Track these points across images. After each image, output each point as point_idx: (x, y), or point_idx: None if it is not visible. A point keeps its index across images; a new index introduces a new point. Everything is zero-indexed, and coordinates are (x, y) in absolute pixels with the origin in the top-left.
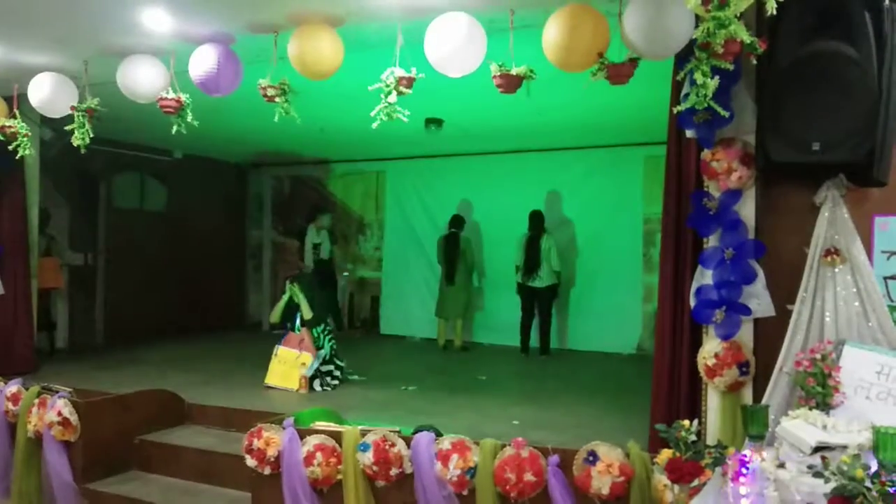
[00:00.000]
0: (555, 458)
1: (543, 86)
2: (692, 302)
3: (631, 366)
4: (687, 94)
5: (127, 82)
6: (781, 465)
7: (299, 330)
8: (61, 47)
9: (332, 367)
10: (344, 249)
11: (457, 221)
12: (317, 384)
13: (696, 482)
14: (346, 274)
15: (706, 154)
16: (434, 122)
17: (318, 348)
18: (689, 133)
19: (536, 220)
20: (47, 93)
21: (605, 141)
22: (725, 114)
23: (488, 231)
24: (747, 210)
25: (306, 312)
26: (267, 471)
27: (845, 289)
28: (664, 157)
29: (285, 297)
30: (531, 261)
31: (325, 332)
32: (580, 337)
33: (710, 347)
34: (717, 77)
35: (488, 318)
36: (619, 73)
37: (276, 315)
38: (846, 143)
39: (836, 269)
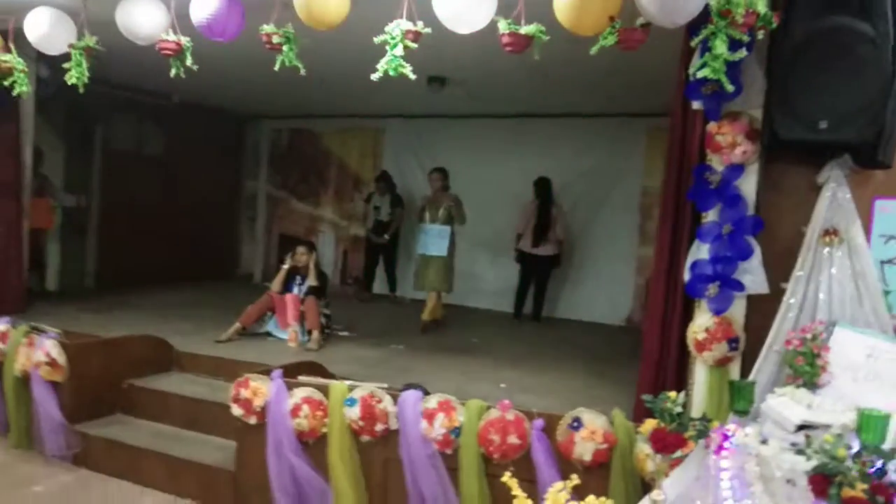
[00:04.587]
0: (539, 423)
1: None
2: (686, 276)
3: (619, 337)
4: (702, 64)
5: (126, 22)
6: (764, 442)
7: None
8: None
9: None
10: (338, 205)
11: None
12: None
13: (678, 453)
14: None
15: (712, 126)
16: (437, 81)
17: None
18: (695, 104)
19: (545, 186)
20: (45, 28)
21: (609, 109)
22: (731, 88)
23: (485, 195)
24: (748, 186)
25: (313, 279)
26: (253, 420)
27: (841, 270)
28: (668, 128)
29: (285, 267)
30: (540, 228)
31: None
32: (571, 306)
33: (702, 322)
34: (742, 49)
35: (481, 282)
36: (631, 38)
37: (277, 284)
38: (854, 122)
39: (834, 250)
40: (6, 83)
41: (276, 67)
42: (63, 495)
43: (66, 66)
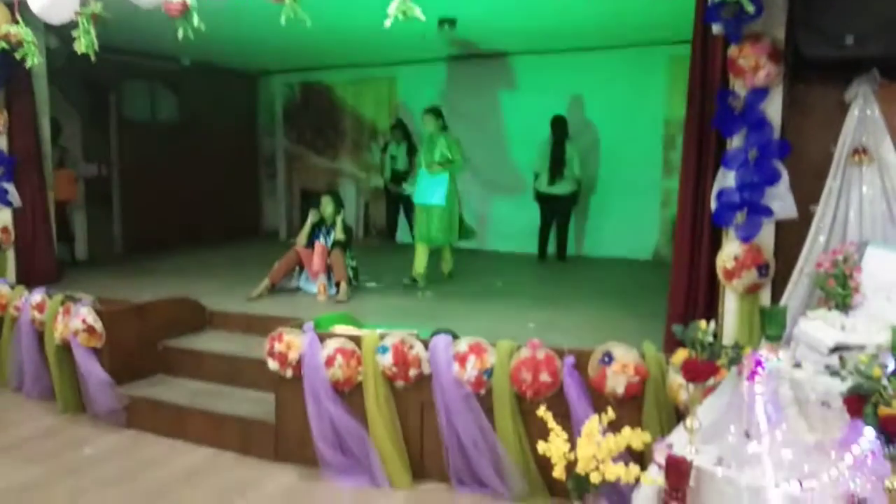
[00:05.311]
0: (570, 359)
1: None
2: (713, 204)
3: (647, 271)
4: None
5: None
6: (798, 365)
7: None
8: None
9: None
10: (356, 157)
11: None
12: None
13: (711, 381)
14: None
15: (733, 50)
16: (447, 22)
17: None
18: (715, 29)
19: (560, 125)
20: None
21: (628, 40)
22: (751, 8)
23: (502, 136)
24: (773, 109)
25: (339, 233)
26: (289, 373)
27: (872, 189)
28: (689, 56)
29: (310, 221)
30: (555, 167)
31: (351, 257)
32: (597, 243)
33: (730, 250)
34: None
35: (503, 225)
36: None
37: (302, 238)
38: (881, 36)
39: (863, 169)
40: (18, 55)
41: (283, 21)
42: (113, 455)
43: (74, 34)
